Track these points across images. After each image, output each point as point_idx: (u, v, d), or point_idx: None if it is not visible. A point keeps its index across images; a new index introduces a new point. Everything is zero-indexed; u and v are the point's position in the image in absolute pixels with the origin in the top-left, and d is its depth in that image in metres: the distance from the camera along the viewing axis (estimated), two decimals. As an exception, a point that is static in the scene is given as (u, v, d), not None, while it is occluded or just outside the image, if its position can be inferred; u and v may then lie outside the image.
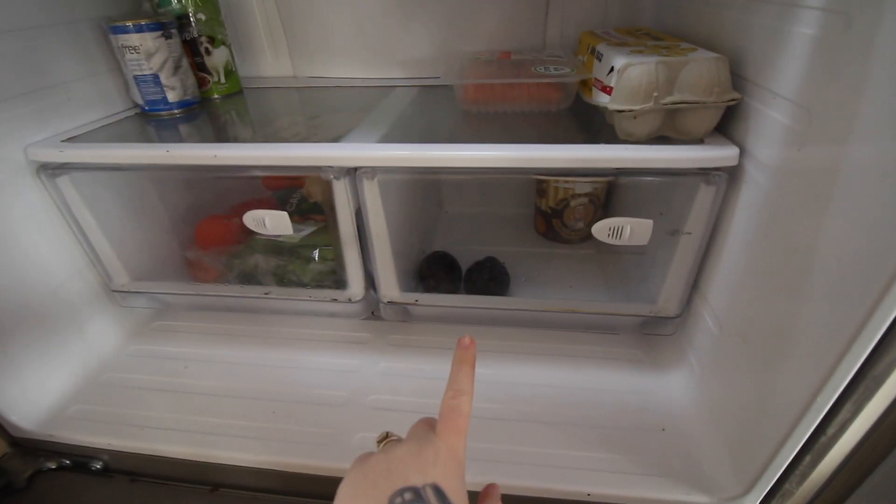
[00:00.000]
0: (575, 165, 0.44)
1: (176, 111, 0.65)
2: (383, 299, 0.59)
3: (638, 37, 0.58)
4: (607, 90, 0.48)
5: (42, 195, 0.56)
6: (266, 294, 0.61)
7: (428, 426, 0.31)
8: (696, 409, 0.52)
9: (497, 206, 0.90)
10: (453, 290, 0.67)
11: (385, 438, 0.33)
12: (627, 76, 0.44)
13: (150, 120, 0.65)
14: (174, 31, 0.63)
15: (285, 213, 0.52)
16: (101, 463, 0.55)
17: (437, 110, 0.61)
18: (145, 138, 0.59)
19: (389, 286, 0.58)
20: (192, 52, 0.68)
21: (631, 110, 0.44)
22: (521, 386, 0.56)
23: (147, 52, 0.61)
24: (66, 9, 0.59)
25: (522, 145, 0.46)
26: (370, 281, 0.59)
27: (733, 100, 0.43)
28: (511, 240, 0.82)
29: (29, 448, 0.56)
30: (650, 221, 0.48)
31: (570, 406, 0.54)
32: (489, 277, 0.66)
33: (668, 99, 0.44)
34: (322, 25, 0.77)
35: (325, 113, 0.65)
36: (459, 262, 0.69)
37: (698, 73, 0.43)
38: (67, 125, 0.59)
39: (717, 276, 0.50)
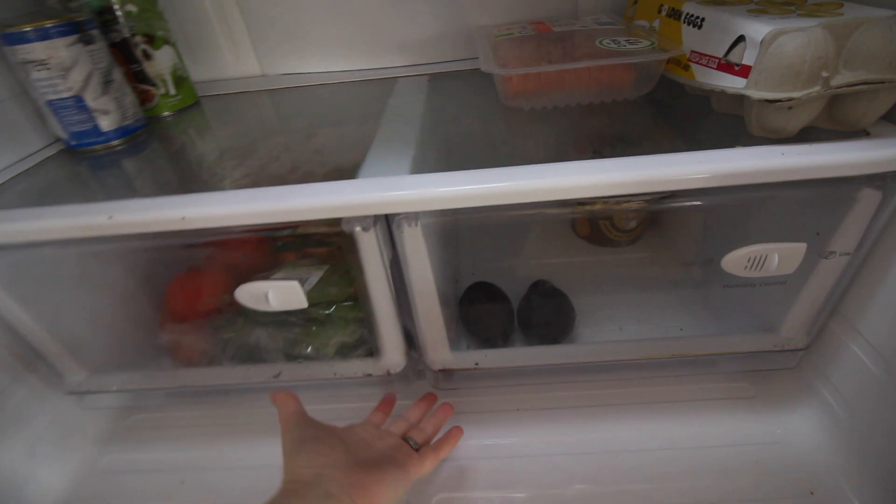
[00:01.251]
0: (719, 184, 0.31)
1: (115, 143, 0.48)
2: (432, 366, 0.45)
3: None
4: (735, 70, 0.34)
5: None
6: (276, 376, 0.46)
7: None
8: (848, 464, 0.41)
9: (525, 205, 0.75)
10: (506, 333, 0.53)
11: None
12: (780, 50, 0.31)
13: (82, 159, 0.47)
14: (95, 32, 0.45)
15: (296, 284, 0.38)
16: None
17: (469, 109, 0.47)
18: (80, 190, 0.42)
19: (439, 349, 0.44)
20: (126, 58, 0.51)
21: (790, 98, 0.31)
22: (621, 454, 0.45)
23: (61, 66, 0.43)
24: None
25: (638, 159, 0.32)
26: (410, 341, 0.45)
27: (930, 73, 0.31)
28: (550, 248, 0.69)
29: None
30: (803, 246, 0.35)
31: (690, 475, 0.42)
32: (552, 311, 0.52)
33: (840, 80, 0.31)
34: (290, 5, 0.60)
35: (318, 126, 0.49)
36: (504, 290, 0.55)
37: (879, 40, 0.30)
38: (-40, 182, 0.42)
39: (876, 300, 0.38)
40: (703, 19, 0.38)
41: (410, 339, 0.45)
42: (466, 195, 0.32)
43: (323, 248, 0.58)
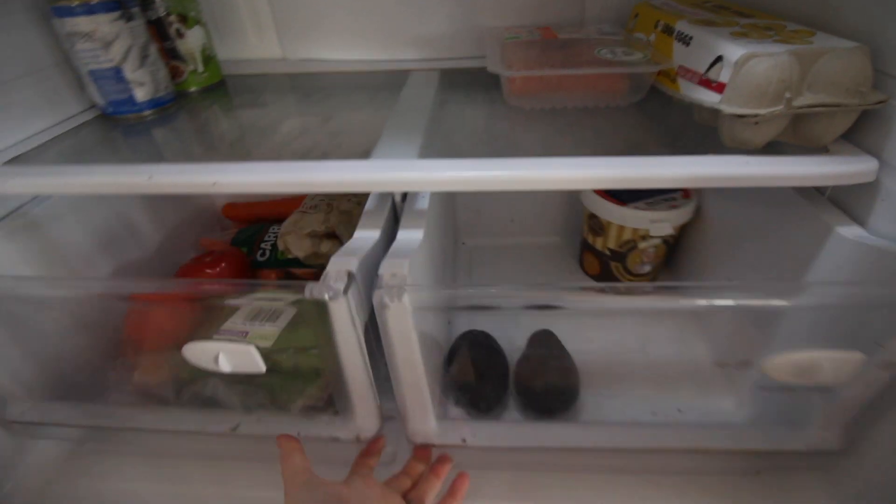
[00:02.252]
0: (690, 185, 0.35)
1: (146, 112, 0.52)
2: (412, 438, 0.41)
3: (715, 10, 0.48)
4: (712, 86, 0.38)
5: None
6: (233, 429, 0.41)
7: None
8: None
9: (524, 234, 0.74)
10: (499, 397, 0.47)
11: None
12: (750, 72, 0.35)
13: (116, 125, 0.51)
14: (135, 10, 0.49)
15: (252, 348, 0.35)
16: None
17: (475, 105, 0.51)
18: (114, 153, 0.46)
19: (420, 420, 0.40)
20: (160, 35, 0.55)
21: (755, 115, 0.35)
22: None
23: (103, 39, 0.47)
24: (-14, -17, 0.44)
25: (621, 158, 0.36)
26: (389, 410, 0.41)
27: (880, 102, 0.35)
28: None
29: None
30: (858, 356, 0.33)
31: None
32: (555, 376, 0.47)
33: (802, 101, 0.35)
34: (314, -4, 0.64)
35: (335, 110, 0.53)
36: (499, 342, 0.50)
37: (840, 67, 0.34)
38: (7, 140, 0.46)
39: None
40: (691, 38, 0.42)
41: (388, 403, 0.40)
42: (466, 180, 0.36)
43: (308, 269, 0.56)
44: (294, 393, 0.43)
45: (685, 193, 0.57)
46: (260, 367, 0.35)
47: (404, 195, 0.45)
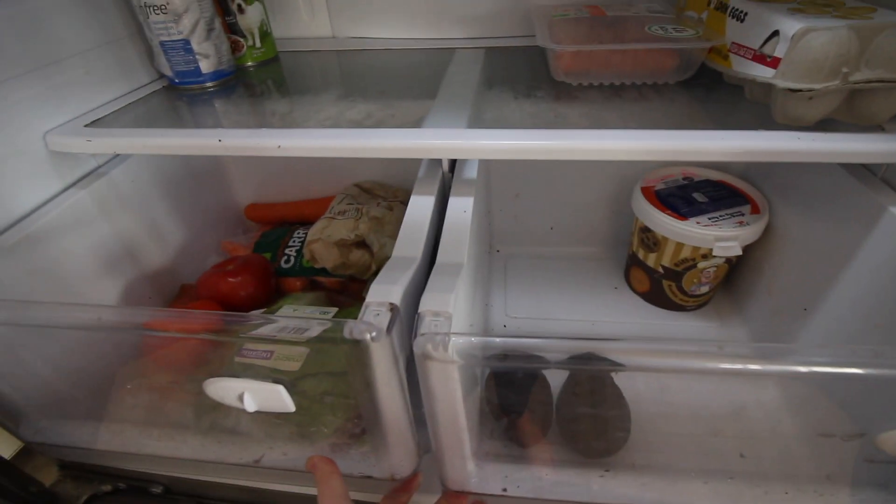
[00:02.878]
0: (739, 159, 0.36)
1: (209, 84, 0.55)
2: (447, 484, 0.38)
3: (772, -12, 0.48)
4: (767, 61, 0.38)
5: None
6: (256, 461, 0.39)
7: None
8: None
9: (565, 243, 0.70)
10: (542, 429, 0.43)
11: None
12: (807, 46, 0.35)
13: (181, 95, 0.55)
14: (204, -16, 0.52)
15: (280, 389, 0.32)
16: (160, 487, 0.49)
17: (521, 81, 0.52)
18: (181, 120, 0.50)
19: (457, 466, 0.36)
20: (224, 10, 0.58)
21: (810, 90, 0.35)
22: None
23: (175, 11, 0.50)
24: (72, -42, 0.48)
25: (669, 132, 0.37)
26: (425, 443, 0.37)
27: (943, 77, 0.34)
28: (600, 303, 0.60)
29: (81, 473, 0.50)
30: None
31: None
32: (607, 409, 0.41)
33: (859, 76, 0.35)
34: (365, -25, 0.65)
35: (386, 85, 0.55)
36: (542, 369, 0.41)
37: (900, 41, 0.34)
38: (87, 105, 0.50)
39: None
40: (745, 13, 0.42)
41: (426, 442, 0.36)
42: (514, 148, 0.38)
43: (335, 278, 0.54)
44: (323, 424, 0.39)
45: (754, 208, 0.52)
46: (289, 406, 0.32)
47: (452, 167, 0.47)
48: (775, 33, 0.38)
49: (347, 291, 0.57)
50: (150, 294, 0.55)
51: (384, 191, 0.65)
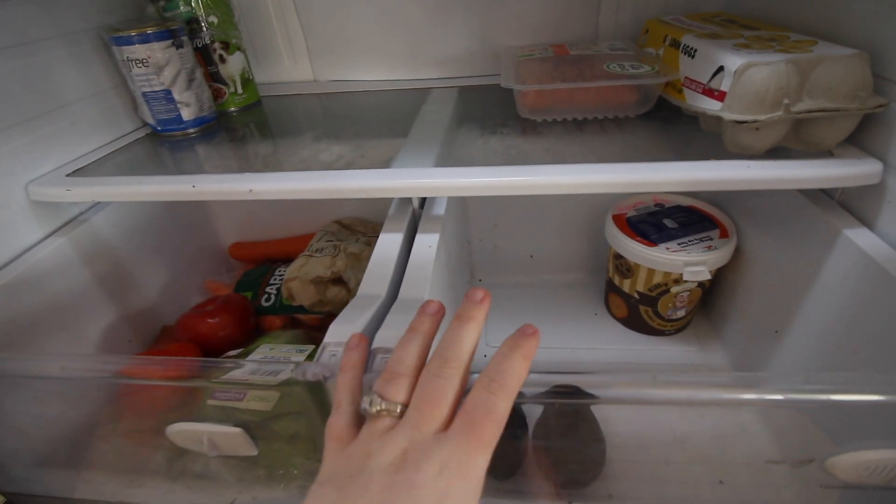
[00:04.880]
0: (692, 188, 0.37)
1: (191, 130, 0.57)
2: None
3: (723, 24, 0.51)
4: (715, 95, 0.40)
5: (48, 238, 0.48)
6: None
7: (444, 413, 0.23)
8: None
9: (545, 271, 0.70)
10: (517, 460, 0.42)
11: (379, 411, 0.23)
12: (749, 80, 0.37)
13: (164, 142, 0.57)
14: (185, 38, 0.55)
15: (240, 432, 0.32)
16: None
17: (490, 118, 0.54)
18: (162, 166, 0.51)
19: None
20: (205, 60, 0.60)
21: (755, 120, 0.37)
22: None
23: (156, 64, 0.53)
24: (59, 18, 0.50)
25: (627, 165, 0.38)
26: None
27: (880, 106, 0.36)
28: (580, 330, 0.61)
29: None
30: None
31: None
32: (582, 446, 0.40)
33: (801, 106, 0.36)
34: (344, 22, 0.69)
35: (360, 125, 0.57)
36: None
37: (838, 74, 0.36)
38: (71, 154, 0.52)
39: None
40: (696, 50, 0.45)
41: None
42: (476, 185, 0.39)
43: (314, 315, 0.54)
44: (293, 465, 0.38)
45: (722, 233, 0.53)
46: (251, 451, 0.32)
47: (422, 204, 0.49)
48: (720, 69, 0.40)
49: (326, 328, 0.58)
50: (131, 337, 0.56)
51: (364, 226, 0.66)
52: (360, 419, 0.24)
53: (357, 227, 0.66)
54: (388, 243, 0.41)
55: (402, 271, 0.39)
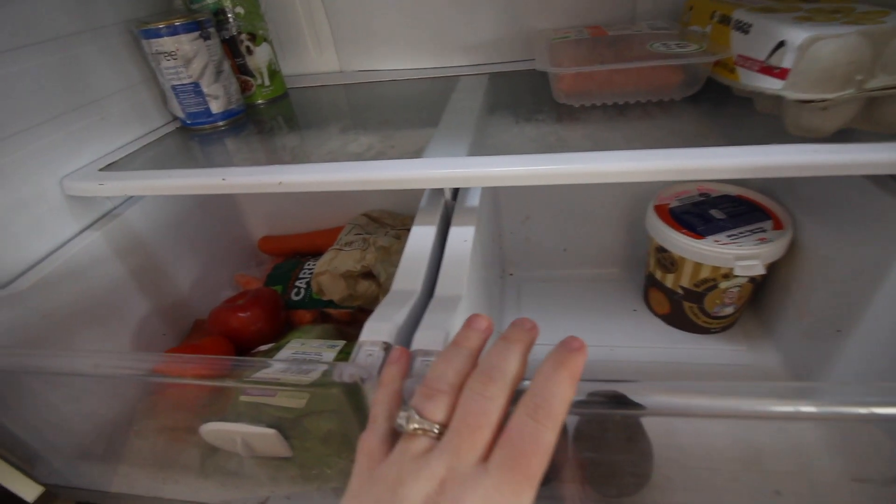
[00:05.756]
0: (751, 175, 0.34)
1: (220, 123, 0.57)
2: None
3: (777, -1, 0.47)
4: (775, 73, 0.37)
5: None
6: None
7: (486, 438, 0.21)
8: None
9: (579, 265, 0.67)
10: (558, 465, 0.39)
11: (416, 429, 0.21)
12: (816, 54, 0.33)
13: (193, 135, 0.57)
14: (212, 30, 0.54)
15: (274, 433, 0.32)
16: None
17: (524, 105, 0.51)
18: (192, 160, 0.51)
19: None
20: (232, 52, 0.60)
21: (823, 100, 0.33)
22: None
23: (185, 57, 0.52)
24: (89, 12, 0.50)
25: (677, 150, 0.35)
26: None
27: (970, 79, 0.32)
28: (619, 326, 0.58)
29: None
30: None
31: None
32: (628, 446, 0.37)
33: (875, 83, 0.33)
34: (369, 11, 0.67)
35: (389, 115, 0.55)
36: None
37: (919, 44, 0.32)
38: (104, 148, 0.52)
39: None
40: (750, 25, 0.41)
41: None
42: (514, 174, 0.37)
43: (344, 310, 0.54)
44: (327, 465, 0.37)
45: (776, 224, 0.49)
46: (286, 452, 0.31)
47: (455, 195, 0.47)
48: (781, 44, 0.36)
49: (356, 322, 0.57)
50: (165, 330, 0.56)
51: (392, 219, 0.65)
52: (394, 436, 0.23)
53: (386, 219, 0.65)
54: (421, 236, 0.39)
55: (435, 265, 0.38)
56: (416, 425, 0.21)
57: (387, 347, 0.27)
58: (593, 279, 0.66)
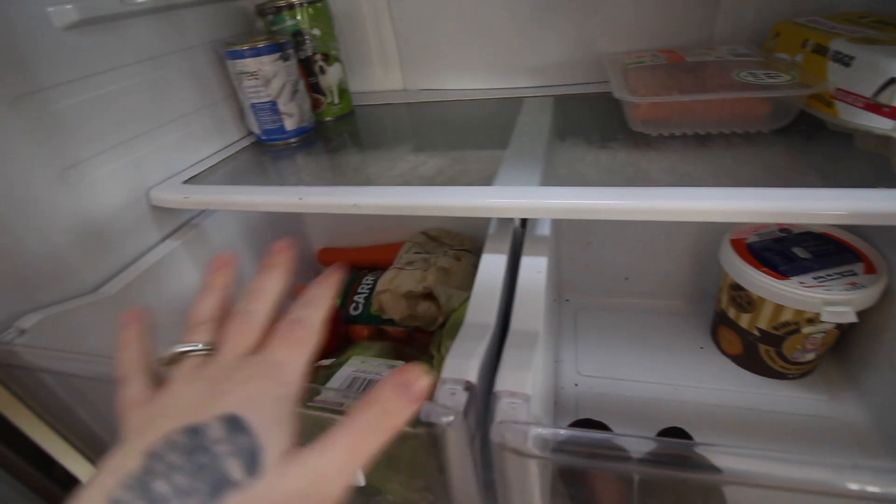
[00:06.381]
0: (860, 222, 0.31)
1: (292, 140, 0.59)
2: None
3: (875, 27, 0.44)
4: (884, 111, 0.34)
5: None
6: None
7: (252, 337, 0.22)
8: None
9: (641, 295, 0.66)
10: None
11: (174, 358, 0.22)
12: (939, 94, 0.31)
13: (266, 150, 0.59)
14: (291, 51, 0.57)
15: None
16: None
17: (595, 131, 0.50)
18: (267, 175, 0.53)
19: None
20: (306, 71, 0.62)
21: (945, 144, 0.31)
22: None
23: (265, 77, 0.54)
24: (180, 34, 0.54)
25: (770, 190, 0.33)
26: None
27: None
28: (683, 364, 0.55)
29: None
30: None
31: None
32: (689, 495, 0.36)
33: None
34: (436, 31, 0.68)
35: (456, 137, 0.56)
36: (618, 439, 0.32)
37: None
38: (186, 161, 0.55)
39: None
40: (852, 57, 0.39)
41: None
42: (592, 208, 0.36)
43: (400, 328, 0.54)
44: (389, 491, 0.37)
45: (868, 267, 0.46)
46: (359, 481, 0.30)
47: (523, 222, 0.46)
48: (892, 81, 0.34)
49: (413, 342, 0.57)
50: (230, 337, 0.58)
51: (451, 238, 0.65)
52: (155, 385, 0.22)
53: (444, 238, 0.65)
54: (492, 265, 0.39)
55: (506, 295, 0.37)
56: (182, 348, 0.22)
57: (469, 387, 0.27)
58: (656, 311, 0.63)
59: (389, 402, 0.20)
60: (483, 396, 0.28)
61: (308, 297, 0.24)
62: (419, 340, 0.57)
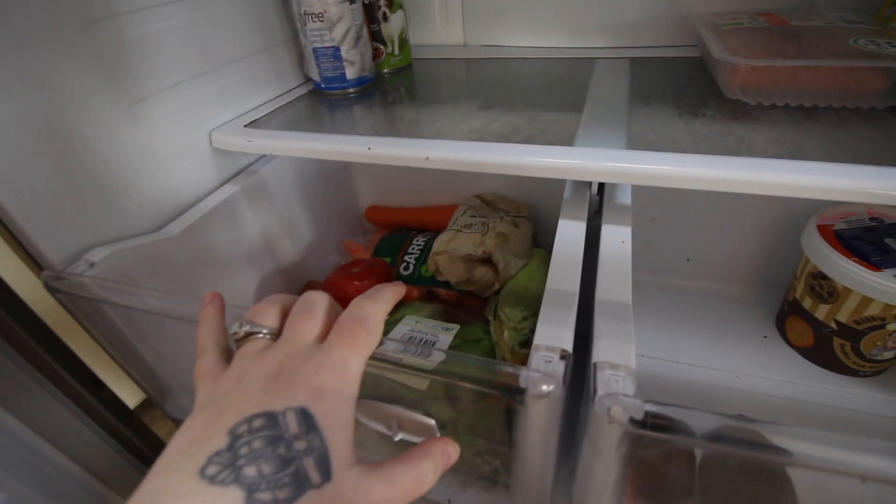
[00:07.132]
0: None
1: (351, 90, 0.57)
2: None
3: None
4: None
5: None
6: None
7: (316, 329, 0.23)
8: None
9: (702, 277, 0.62)
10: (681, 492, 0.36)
11: (245, 335, 0.23)
12: None
13: (325, 99, 0.57)
14: (356, -7, 0.54)
15: (433, 425, 0.31)
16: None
17: (684, 97, 0.46)
18: (327, 124, 0.51)
19: None
20: (369, 17, 0.59)
21: None
22: None
23: (331, 20, 0.52)
24: (246, -31, 0.51)
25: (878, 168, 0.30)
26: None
27: None
28: (745, 352, 0.52)
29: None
30: None
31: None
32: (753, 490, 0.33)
33: None
34: (503, -18, 0.64)
35: (526, 97, 0.52)
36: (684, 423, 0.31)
37: None
38: (246, 105, 0.53)
39: None
40: None
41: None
42: (702, 177, 0.33)
43: (451, 291, 0.53)
44: (465, 449, 0.35)
45: None
46: (433, 432, 0.31)
47: (600, 189, 0.44)
48: None
49: (463, 307, 0.56)
50: (281, 287, 0.58)
51: (507, 204, 0.63)
52: (228, 359, 0.24)
53: (500, 204, 0.63)
54: (571, 231, 0.37)
55: (585, 263, 0.35)
56: (248, 328, 0.23)
57: (565, 356, 0.25)
58: (716, 295, 0.60)
59: (438, 463, 0.22)
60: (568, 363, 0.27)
61: (375, 292, 0.25)
62: (469, 304, 0.56)
